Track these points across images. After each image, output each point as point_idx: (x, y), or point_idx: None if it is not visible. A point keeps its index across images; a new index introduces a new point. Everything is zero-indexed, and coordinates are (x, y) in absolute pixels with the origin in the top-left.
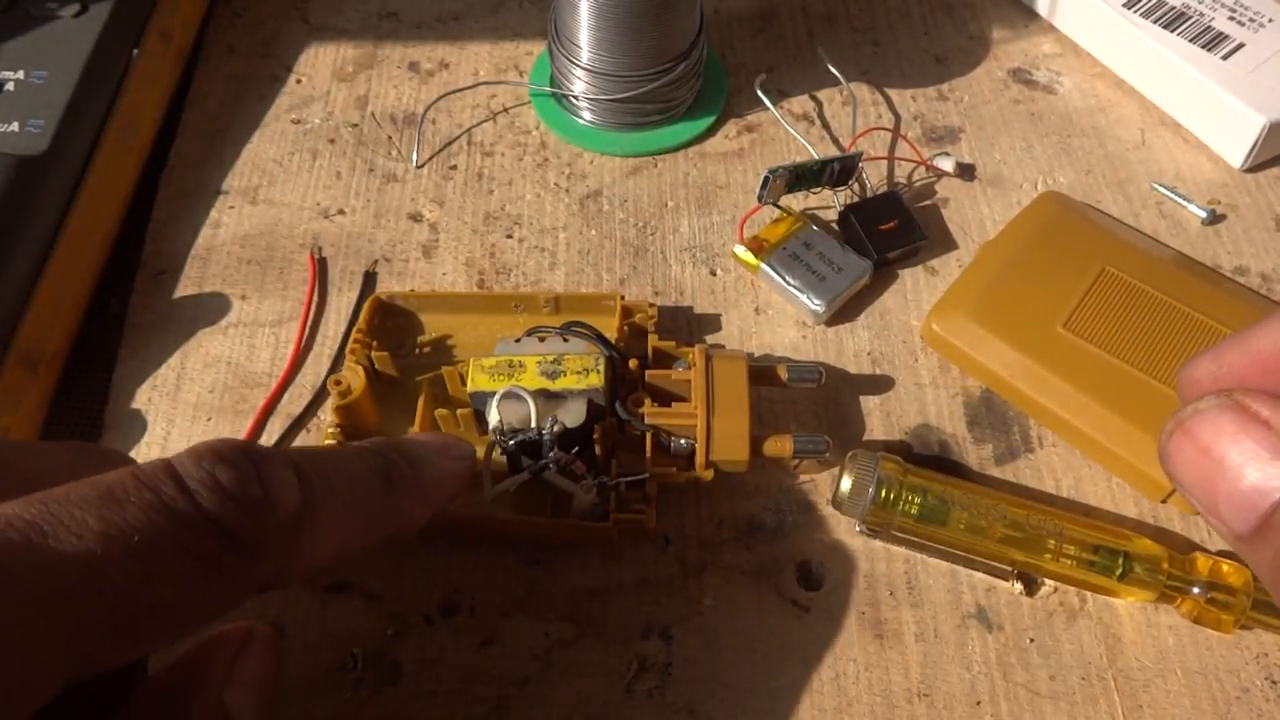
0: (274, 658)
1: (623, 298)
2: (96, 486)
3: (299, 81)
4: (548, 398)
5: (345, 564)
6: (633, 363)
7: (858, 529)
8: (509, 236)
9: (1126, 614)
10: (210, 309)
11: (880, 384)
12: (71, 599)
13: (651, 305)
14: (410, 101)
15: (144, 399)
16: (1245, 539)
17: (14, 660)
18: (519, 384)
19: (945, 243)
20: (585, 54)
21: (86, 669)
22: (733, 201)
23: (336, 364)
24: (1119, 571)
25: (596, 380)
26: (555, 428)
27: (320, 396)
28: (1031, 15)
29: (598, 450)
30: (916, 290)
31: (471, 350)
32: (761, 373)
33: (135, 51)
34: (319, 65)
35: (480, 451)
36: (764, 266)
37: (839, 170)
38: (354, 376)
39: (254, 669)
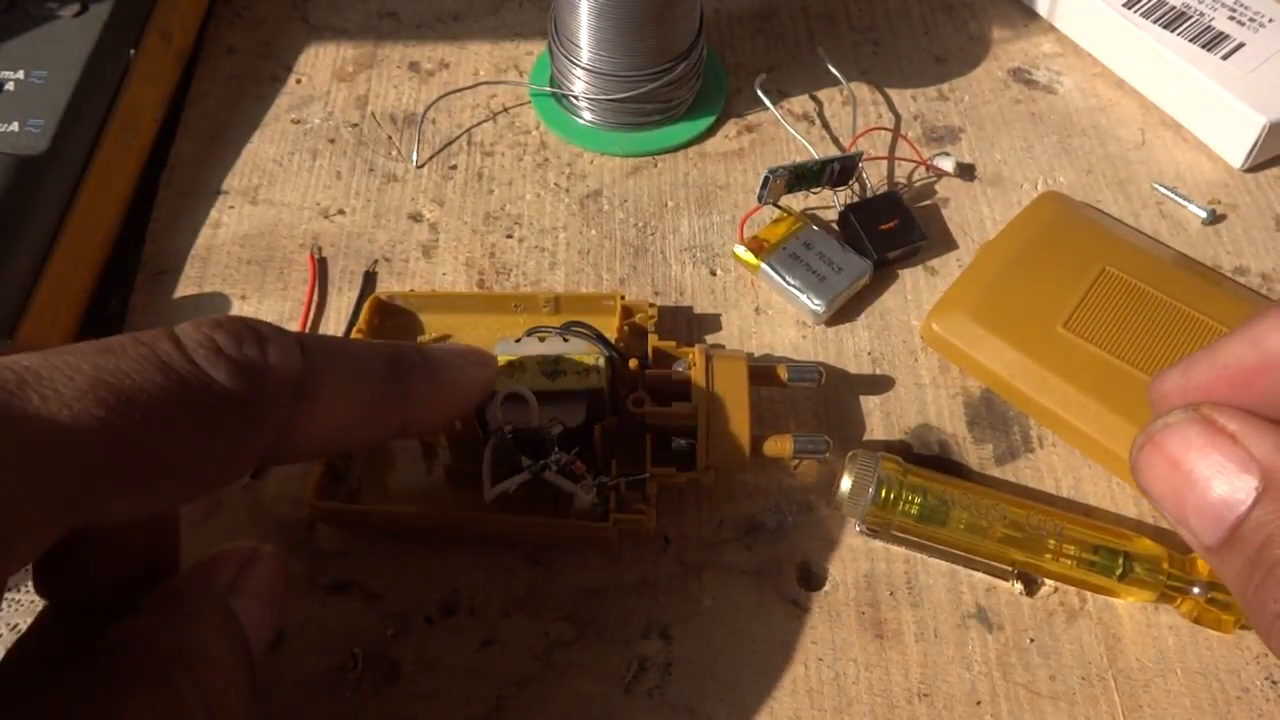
0: (280, 579)
1: (623, 298)
2: (95, 343)
3: (299, 81)
4: (548, 398)
5: (360, 448)
6: (633, 363)
7: (858, 529)
8: (509, 236)
9: (1126, 614)
10: (210, 309)
11: (880, 384)
12: (65, 440)
13: (651, 305)
14: (410, 101)
15: None
16: (1214, 550)
17: (9, 499)
18: (519, 384)
19: (945, 243)
20: (585, 54)
21: (87, 515)
22: (733, 201)
23: None
24: (1119, 571)
25: (596, 380)
26: (555, 428)
27: None
28: (1031, 15)
29: (598, 450)
30: (916, 290)
31: None
32: (761, 373)
33: (135, 51)
34: (319, 65)
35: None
36: (764, 266)
37: (839, 170)
38: None
39: (258, 585)
